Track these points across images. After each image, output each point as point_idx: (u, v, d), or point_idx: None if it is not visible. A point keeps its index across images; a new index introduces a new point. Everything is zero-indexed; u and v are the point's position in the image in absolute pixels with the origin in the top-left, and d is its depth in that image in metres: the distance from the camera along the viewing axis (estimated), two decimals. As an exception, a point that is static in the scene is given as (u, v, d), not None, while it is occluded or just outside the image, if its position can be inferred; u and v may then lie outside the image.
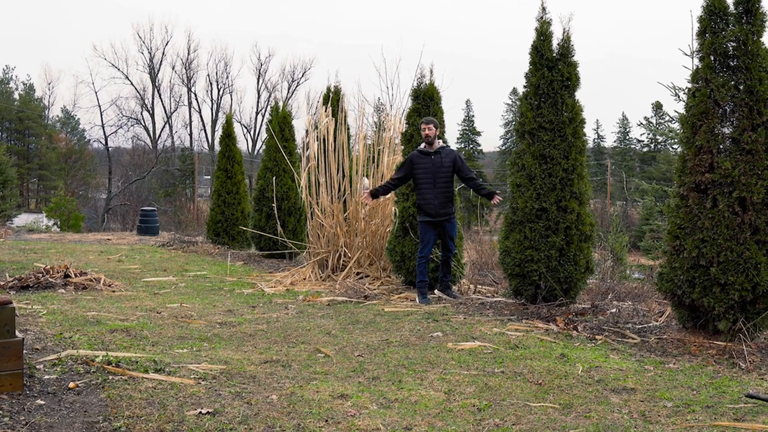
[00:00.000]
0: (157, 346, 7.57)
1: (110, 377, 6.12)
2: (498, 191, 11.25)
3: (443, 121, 12.49)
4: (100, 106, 75.93)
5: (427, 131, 11.05)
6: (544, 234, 9.89)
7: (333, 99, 15.29)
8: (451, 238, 11.25)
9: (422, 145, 11.31)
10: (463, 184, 11.88)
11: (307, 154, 14.64)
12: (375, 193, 11.74)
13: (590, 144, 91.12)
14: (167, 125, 79.85)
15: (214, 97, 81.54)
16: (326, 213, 14.11)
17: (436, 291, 11.54)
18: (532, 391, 6.18)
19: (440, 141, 11.51)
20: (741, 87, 7.83)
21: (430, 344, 8.03)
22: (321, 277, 13.67)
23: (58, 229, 37.99)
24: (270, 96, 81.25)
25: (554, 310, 9.80)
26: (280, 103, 19.99)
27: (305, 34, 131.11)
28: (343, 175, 14.20)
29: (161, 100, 79.82)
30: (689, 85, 8.32)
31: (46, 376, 6.03)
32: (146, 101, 78.66)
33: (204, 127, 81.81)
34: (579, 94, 10.22)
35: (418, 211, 11.38)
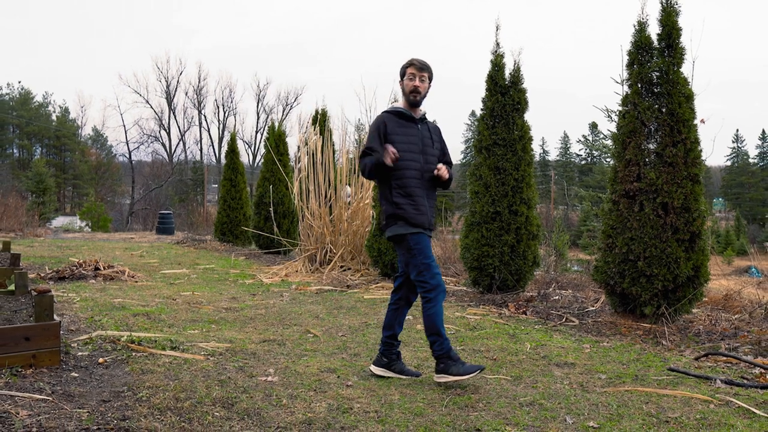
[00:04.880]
0: (172, 328, 7.51)
1: (133, 354, 6.06)
2: None
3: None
4: (124, 126, 76.14)
5: None
6: (498, 233, 9.88)
7: (320, 120, 15.28)
8: None
9: None
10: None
11: (298, 166, 14.62)
12: None
13: (537, 157, 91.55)
14: (181, 142, 79.69)
15: (221, 118, 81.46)
16: (315, 216, 14.08)
17: None
18: (488, 365, 6.16)
19: None
20: (664, 110, 7.86)
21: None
22: (310, 270, 13.63)
23: (90, 230, 37.76)
24: (267, 117, 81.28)
25: (507, 298, 9.80)
26: (276, 123, 19.94)
27: (298, 65, 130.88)
28: (329, 184, 14.17)
29: (176, 121, 79.85)
30: (620, 108, 8.34)
31: (80, 353, 5.97)
32: (163, 122, 78.70)
33: (212, 143, 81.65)
34: (528, 116, 10.22)
35: None
